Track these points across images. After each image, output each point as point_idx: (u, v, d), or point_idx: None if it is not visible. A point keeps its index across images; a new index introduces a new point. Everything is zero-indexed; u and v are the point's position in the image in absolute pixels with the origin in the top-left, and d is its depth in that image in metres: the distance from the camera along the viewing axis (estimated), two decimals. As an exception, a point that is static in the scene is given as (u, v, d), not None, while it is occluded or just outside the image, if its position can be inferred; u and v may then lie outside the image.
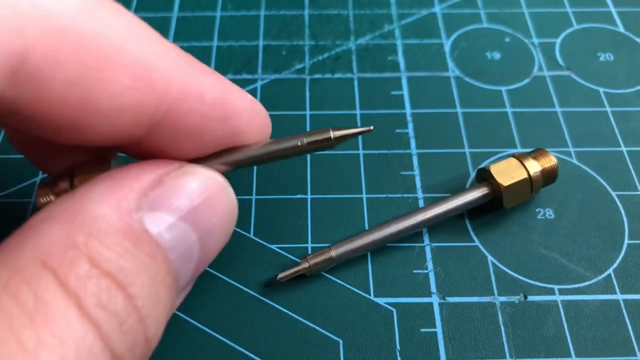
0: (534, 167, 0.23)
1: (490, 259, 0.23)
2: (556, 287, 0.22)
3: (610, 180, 0.25)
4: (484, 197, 0.23)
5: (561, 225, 0.24)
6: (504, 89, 0.29)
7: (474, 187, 0.23)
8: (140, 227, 0.14)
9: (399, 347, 0.21)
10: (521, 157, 0.23)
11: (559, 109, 0.28)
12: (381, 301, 0.22)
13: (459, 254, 0.23)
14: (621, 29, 0.32)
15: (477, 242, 0.23)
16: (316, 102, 0.28)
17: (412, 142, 0.27)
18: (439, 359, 0.20)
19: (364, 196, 0.25)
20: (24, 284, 0.12)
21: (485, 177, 0.23)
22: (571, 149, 0.26)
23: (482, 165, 0.26)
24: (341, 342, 0.21)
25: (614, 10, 0.32)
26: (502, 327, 0.21)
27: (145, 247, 0.14)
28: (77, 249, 0.13)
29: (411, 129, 0.27)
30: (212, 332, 0.21)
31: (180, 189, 0.15)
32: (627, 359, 0.20)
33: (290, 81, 0.29)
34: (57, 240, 0.13)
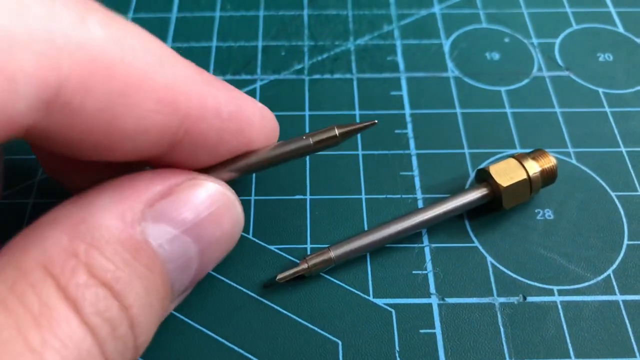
0: (534, 167, 0.23)
1: (489, 259, 0.23)
2: (555, 288, 0.22)
3: (609, 180, 0.25)
4: (484, 197, 0.23)
5: (560, 225, 0.24)
6: (503, 90, 0.29)
7: (473, 187, 0.23)
8: (141, 238, 0.15)
9: (398, 348, 0.21)
10: (520, 158, 0.23)
11: (558, 110, 0.28)
12: (380, 302, 0.22)
13: (458, 254, 0.23)
14: (621, 29, 0.31)
15: (476, 243, 0.23)
16: (315, 103, 0.28)
17: (412, 143, 0.27)
18: (438, 359, 0.20)
19: (363, 197, 0.25)
20: (29, 287, 0.13)
21: (484, 177, 0.23)
22: (570, 150, 0.26)
23: (482, 165, 0.26)
24: (340, 343, 0.21)
25: (613, 10, 0.32)
26: (502, 328, 0.21)
27: (143, 259, 0.14)
28: (78, 258, 0.13)
29: (410, 130, 0.27)
30: (210, 333, 0.21)
31: (187, 201, 0.16)
32: (627, 359, 0.20)
33: (289, 82, 0.29)
34: (59, 247, 0.13)
